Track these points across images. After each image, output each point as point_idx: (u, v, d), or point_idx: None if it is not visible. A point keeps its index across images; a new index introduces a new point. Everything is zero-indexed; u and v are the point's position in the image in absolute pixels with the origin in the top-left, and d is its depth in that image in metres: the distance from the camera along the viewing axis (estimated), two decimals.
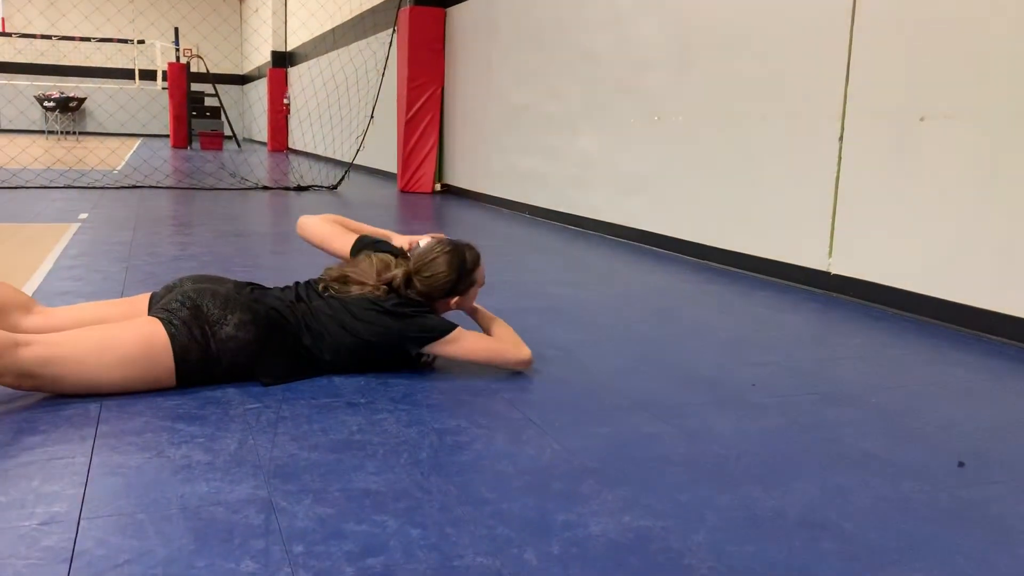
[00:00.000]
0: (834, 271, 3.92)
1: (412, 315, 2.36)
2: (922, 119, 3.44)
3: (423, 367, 2.51)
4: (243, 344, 2.20)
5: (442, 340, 2.35)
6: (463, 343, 2.37)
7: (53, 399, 2.08)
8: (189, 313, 2.17)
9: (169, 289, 2.35)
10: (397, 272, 2.43)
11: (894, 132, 3.58)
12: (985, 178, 3.20)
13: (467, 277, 2.47)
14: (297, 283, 2.50)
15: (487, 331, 2.56)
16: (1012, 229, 3.10)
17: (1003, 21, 3.12)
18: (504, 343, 2.45)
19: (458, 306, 2.52)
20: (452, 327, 2.37)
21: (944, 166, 3.36)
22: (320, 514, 1.53)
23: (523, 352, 2.44)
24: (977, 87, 3.22)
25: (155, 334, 2.13)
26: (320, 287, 2.45)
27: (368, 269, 2.45)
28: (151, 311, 2.26)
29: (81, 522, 1.47)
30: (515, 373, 2.47)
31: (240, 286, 2.35)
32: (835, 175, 3.89)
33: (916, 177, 3.48)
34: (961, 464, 1.91)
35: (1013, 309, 3.10)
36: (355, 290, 2.39)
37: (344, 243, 2.69)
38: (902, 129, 3.54)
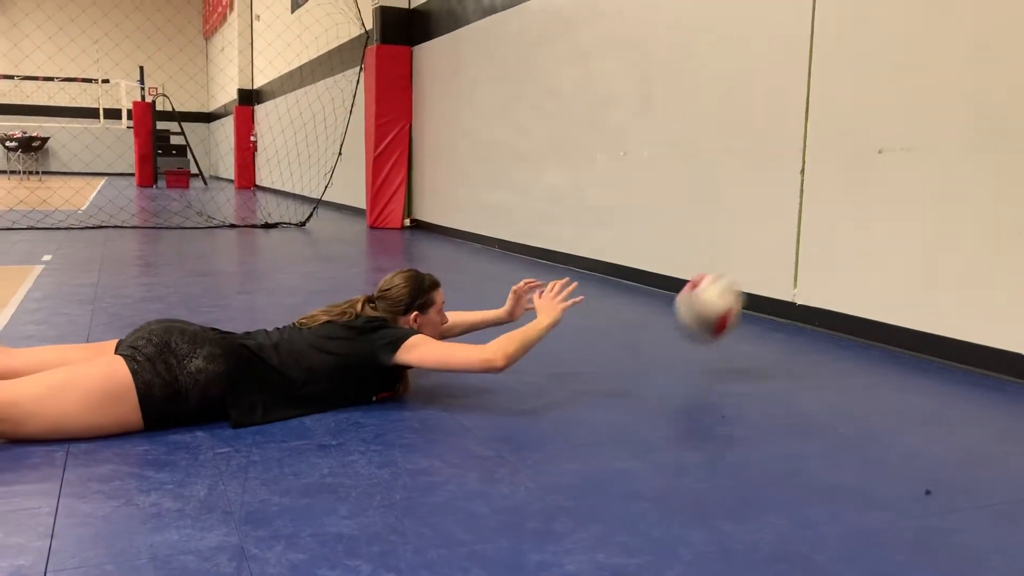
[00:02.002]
0: (799, 301, 3.98)
1: (377, 328, 2.44)
2: (880, 151, 3.53)
3: (396, 397, 2.55)
4: (213, 376, 2.20)
5: (407, 345, 2.38)
6: (427, 347, 2.40)
7: (17, 448, 2.04)
8: (155, 350, 2.18)
9: (135, 331, 2.34)
10: (359, 298, 2.60)
11: (853, 164, 3.67)
12: (942, 208, 3.28)
13: (424, 295, 2.60)
14: (260, 329, 2.56)
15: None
16: (969, 258, 3.18)
17: (954, 57, 3.22)
18: (464, 346, 2.44)
19: (420, 328, 2.59)
20: (414, 332, 2.46)
21: (903, 197, 3.45)
22: (292, 560, 1.52)
23: (484, 353, 2.36)
24: (931, 120, 3.31)
25: (117, 371, 2.12)
26: (288, 325, 2.56)
27: (334, 306, 2.59)
28: (116, 351, 2.25)
29: (48, 574, 1.45)
30: (485, 409, 2.48)
31: (206, 328, 2.36)
32: (798, 207, 3.96)
33: (876, 208, 3.56)
34: (928, 492, 1.94)
35: (973, 336, 3.17)
36: (322, 318, 2.51)
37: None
38: (861, 161, 3.63)
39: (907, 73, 3.41)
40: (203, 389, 2.20)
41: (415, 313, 2.58)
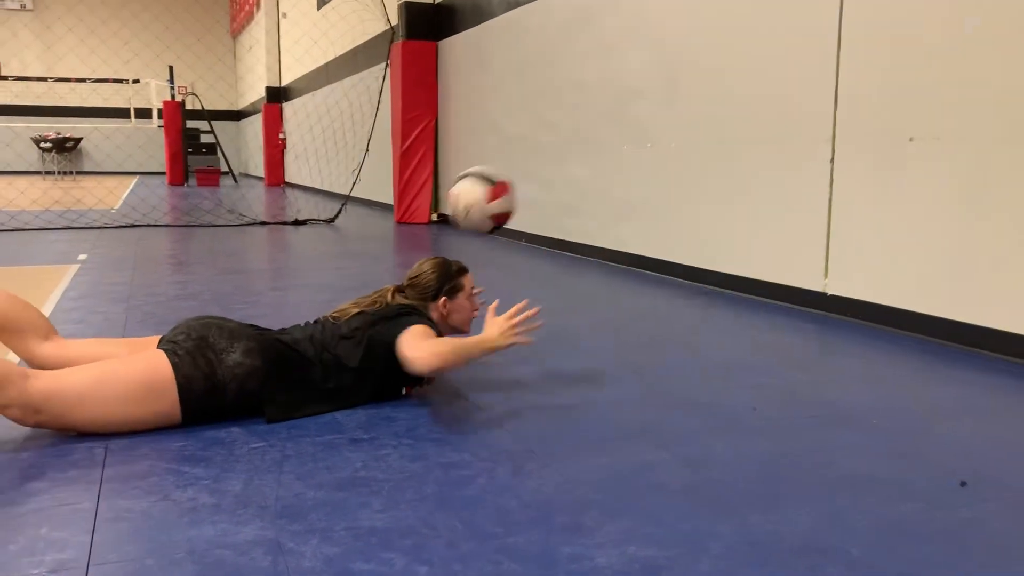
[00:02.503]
0: (830, 292, 3.95)
1: (399, 315, 2.46)
2: (911, 140, 3.49)
3: (426, 387, 2.59)
4: (251, 370, 2.24)
5: (410, 330, 2.36)
6: (414, 335, 2.34)
7: (58, 445, 2.09)
8: (194, 344, 2.22)
9: (174, 328, 2.39)
10: (389, 287, 2.64)
11: (884, 153, 3.62)
12: (974, 196, 3.24)
13: (452, 280, 2.62)
14: (295, 325, 2.59)
15: None
16: (1001, 246, 3.13)
17: (987, 44, 3.17)
18: (415, 342, 2.31)
19: (450, 314, 2.62)
20: (423, 323, 2.42)
21: (934, 185, 3.40)
22: (327, 554, 1.55)
23: (413, 352, 2.27)
24: (963, 108, 3.27)
25: (158, 366, 2.17)
26: (321, 319, 2.59)
27: (363, 297, 2.63)
28: (158, 346, 2.30)
29: (90, 568, 1.48)
30: (513, 403, 2.49)
31: (243, 324, 2.40)
32: (828, 197, 3.93)
33: (907, 197, 3.52)
34: (963, 484, 1.92)
35: (1006, 324, 3.13)
36: (353, 310, 2.54)
37: None
38: (892, 150, 3.58)
39: (939, 60, 3.37)
40: (240, 383, 2.24)
41: (444, 299, 2.60)
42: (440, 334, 2.51)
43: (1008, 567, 1.54)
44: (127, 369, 2.15)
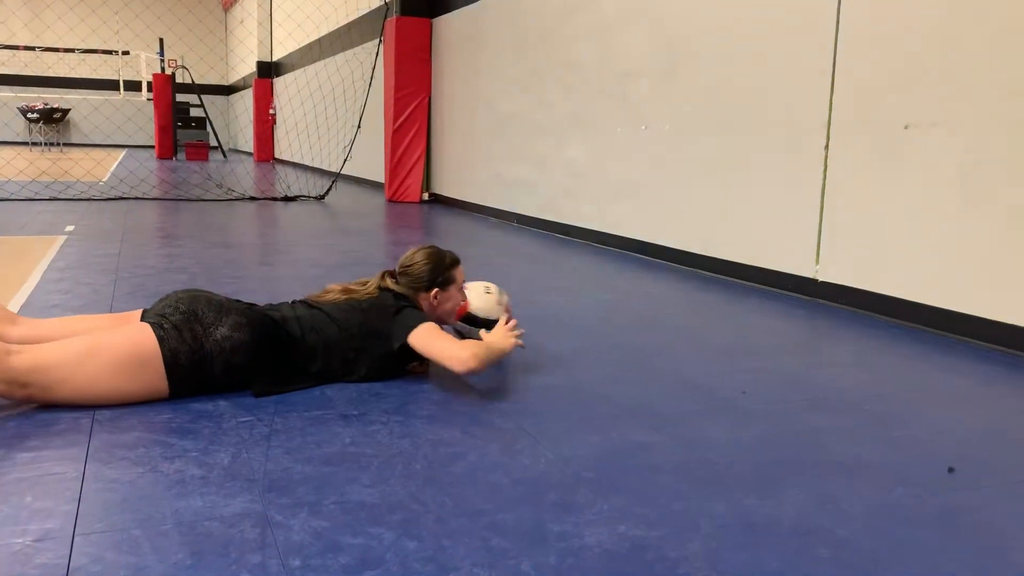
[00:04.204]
0: (821, 278, 3.94)
1: (400, 309, 2.45)
2: (906, 127, 3.48)
3: (412, 374, 2.54)
4: (239, 344, 2.22)
5: (418, 328, 2.37)
6: (425, 334, 2.36)
7: (44, 414, 2.07)
8: (182, 317, 2.20)
9: (161, 300, 2.36)
10: (379, 274, 2.61)
11: (879, 140, 3.61)
12: (970, 184, 3.23)
13: (445, 271, 2.59)
14: (283, 302, 2.57)
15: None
16: (996, 235, 3.13)
17: (985, 31, 3.16)
18: (452, 340, 2.35)
19: (440, 304, 2.60)
20: (425, 318, 2.44)
21: (929, 173, 3.40)
22: (316, 527, 1.53)
23: (463, 352, 2.28)
24: (960, 95, 3.26)
25: (144, 338, 2.15)
26: (307, 299, 2.57)
27: (352, 282, 2.62)
28: (143, 319, 2.28)
29: (75, 538, 1.47)
30: (505, 382, 2.48)
31: (232, 299, 2.38)
32: (821, 183, 3.92)
33: (902, 184, 3.52)
34: (951, 470, 1.93)
35: (999, 314, 3.13)
36: (339, 296, 2.52)
37: None
38: (887, 137, 3.57)
39: (935, 47, 3.35)
40: (228, 357, 2.21)
41: (436, 290, 2.58)
42: None
43: (1000, 553, 1.54)
44: (113, 342, 2.13)
